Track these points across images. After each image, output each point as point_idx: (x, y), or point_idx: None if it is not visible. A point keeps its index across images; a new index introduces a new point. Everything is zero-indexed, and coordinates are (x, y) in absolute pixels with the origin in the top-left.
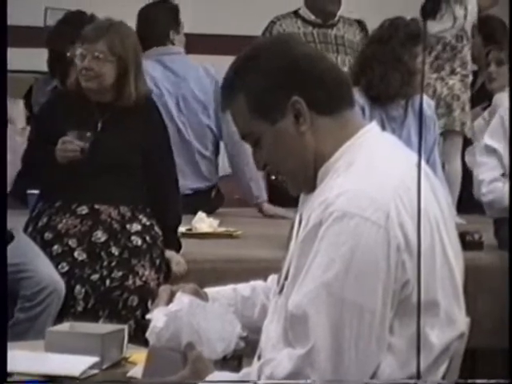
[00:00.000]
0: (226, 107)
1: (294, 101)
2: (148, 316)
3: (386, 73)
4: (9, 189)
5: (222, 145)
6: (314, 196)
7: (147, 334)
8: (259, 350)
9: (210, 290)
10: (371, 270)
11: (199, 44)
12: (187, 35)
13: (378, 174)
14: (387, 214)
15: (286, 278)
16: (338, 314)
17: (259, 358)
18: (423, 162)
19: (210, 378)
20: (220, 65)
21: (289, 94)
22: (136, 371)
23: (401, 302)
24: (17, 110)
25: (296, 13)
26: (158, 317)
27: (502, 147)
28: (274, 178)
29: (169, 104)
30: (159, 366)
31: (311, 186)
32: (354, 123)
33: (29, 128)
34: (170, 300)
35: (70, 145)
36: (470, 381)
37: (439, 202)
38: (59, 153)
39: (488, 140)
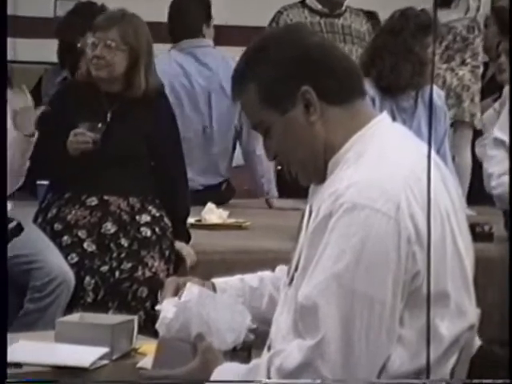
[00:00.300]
0: (236, 97)
1: (304, 90)
2: (157, 307)
3: (397, 63)
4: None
5: None
6: (324, 187)
7: (157, 325)
8: (269, 340)
9: (217, 281)
10: (382, 261)
11: (226, 36)
12: (215, 27)
13: (388, 164)
14: (398, 205)
15: (295, 270)
16: (349, 305)
17: (269, 348)
18: (433, 153)
19: (219, 368)
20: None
21: (299, 84)
22: (146, 362)
23: (411, 293)
24: (25, 116)
25: (303, 2)
26: (167, 308)
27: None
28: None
29: (199, 99)
30: (169, 356)
31: (321, 176)
32: (365, 113)
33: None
34: (176, 292)
35: (82, 137)
36: (474, 381)
37: (450, 193)
38: (71, 145)
39: (497, 133)
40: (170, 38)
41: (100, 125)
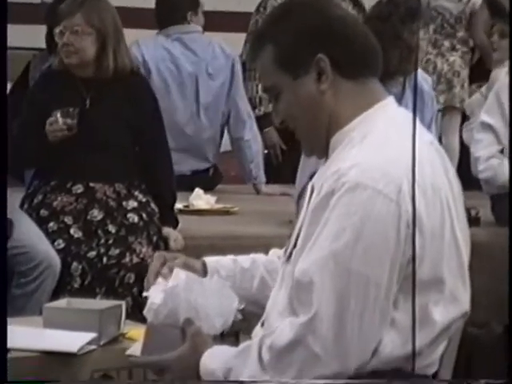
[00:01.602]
0: (253, 57)
1: (318, 58)
2: (145, 293)
3: (386, 50)
4: None
5: None
6: (326, 166)
7: (145, 312)
8: (264, 316)
9: (209, 260)
10: (380, 243)
11: (212, 21)
12: (204, 13)
13: (392, 148)
14: (399, 188)
15: (294, 246)
16: (344, 284)
17: (262, 324)
18: (435, 141)
19: (209, 352)
20: (233, 42)
21: (315, 51)
22: (135, 349)
23: (406, 277)
24: None
25: None
26: (154, 294)
27: (498, 123)
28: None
29: (187, 84)
30: (158, 342)
31: (322, 149)
32: (375, 93)
33: None
34: (162, 266)
35: (56, 124)
36: (468, 381)
37: (449, 180)
38: (48, 134)
39: (484, 116)
40: (157, 24)
41: (72, 109)
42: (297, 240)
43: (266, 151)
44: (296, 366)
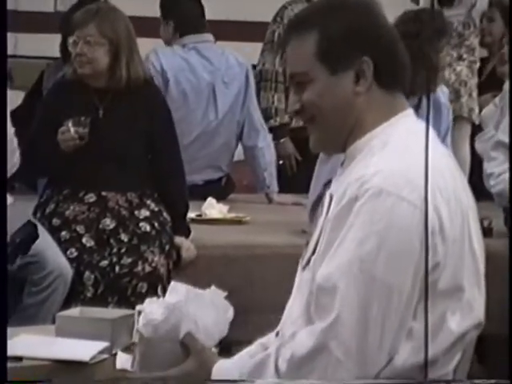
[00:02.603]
0: (289, 40)
1: (364, 60)
2: (139, 307)
3: (411, 70)
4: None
5: None
6: (345, 175)
7: (141, 327)
8: (279, 326)
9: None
10: (405, 251)
11: (227, 31)
12: (215, 22)
13: (413, 156)
14: (423, 196)
15: (313, 253)
16: (368, 291)
17: (277, 334)
18: (451, 154)
19: (219, 367)
20: (244, 51)
21: (361, 53)
22: (123, 362)
23: (429, 285)
24: None
25: None
26: (152, 309)
27: None
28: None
29: (204, 93)
30: (157, 357)
31: (336, 149)
32: (399, 105)
33: None
34: None
35: (68, 133)
36: (471, 381)
37: (467, 192)
38: (61, 143)
39: (501, 135)
40: (178, 33)
41: (83, 118)
42: (315, 247)
43: (280, 162)
44: (316, 373)
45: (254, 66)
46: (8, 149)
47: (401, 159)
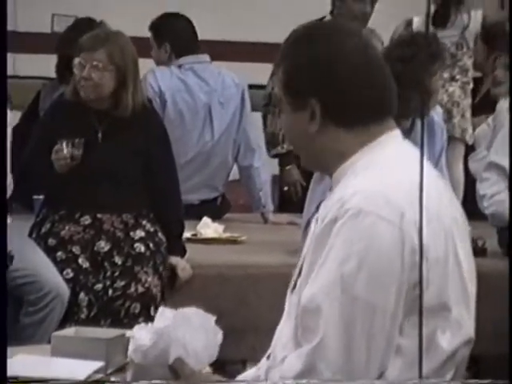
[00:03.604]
0: (277, 65)
1: (311, 102)
2: (129, 334)
3: (405, 92)
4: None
5: None
6: (330, 197)
7: (130, 352)
8: (270, 349)
9: None
10: (385, 269)
11: (223, 51)
12: (211, 42)
13: (394, 177)
14: (402, 215)
15: (299, 275)
16: (351, 311)
17: (268, 357)
18: (441, 176)
19: None
20: (240, 71)
21: (311, 94)
22: None
23: (412, 302)
24: None
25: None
26: (140, 334)
27: (507, 162)
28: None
29: (200, 113)
30: (146, 381)
31: (319, 170)
32: (377, 131)
33: None
34: None
35: (61, 153)
36: (470, 381)
37: (454, 213)
38: (54, 162)
39: (494, 156)
40: (174, 54)
41: (77, 140)
42: (301, 269)
43: (285, 188)
44: None
45: (251, 86)
46: None
47: (381, 179)
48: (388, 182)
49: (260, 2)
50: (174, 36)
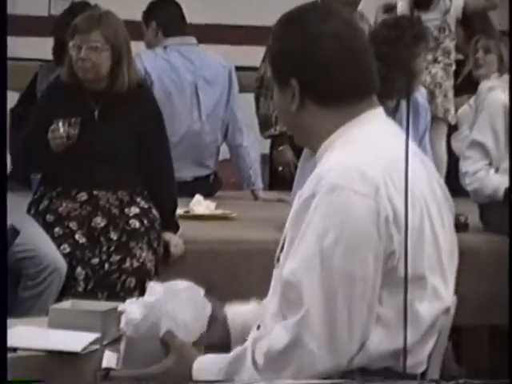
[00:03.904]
0: (268, 47)
1: (292, 82)
2: (121, 308)
3: (390, 74)
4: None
5: None
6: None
7: (123, 326)
8: (259, 321)
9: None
10: (362, 240)
11: (208, 34)
12: (198, 26)
13: (371, 152)
14: (377, 188)
15: (281, 250)
16: (331, 282)
17: (258, 327)
18: (419, 150)
19: (199, 363)
20: (226, 54)
21: (291, 74)
22: (109, 361)
23: (387, 272)
24: None
25: None
26: (131, 308)
27: (488, 141)
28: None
29: (188, 92)
30: (138, 354)
31: (311, 148)
32: (357, 109)
33: None
34: None
35: (57, 132)
36: (470, 381)
37: (432, 187)
38: (51, 141)
39: (475, 135)
40: (163, 34)
41: (73, 119)
42: (284, 244)
43: (280, 168)
44: (293, 366)
45: (243, 68)
46: None
47: (356, 154)
48: (365, 157)
49: None
50: (161, 16)
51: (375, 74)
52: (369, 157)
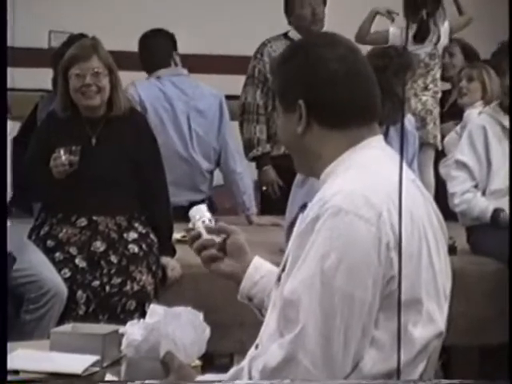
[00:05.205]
0: (272, 72)
1: (299, 103)
2: (122, 330)
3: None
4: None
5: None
6: (315, 197)
7: (124, 347)
8: (258, 339)
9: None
10: (363, 264)
11: (197, 63)
12: (189, 56)
13: (373, 177)
14: (379, 214)
15: (283, 270)
16: (330, 302)
17: (257, 347)
18: (417, 179)
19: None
20: (215, 83)
21: (299, 94)
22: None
23: (386, 296)
24: None
25: (286, 35)
26: (132, 330)
27: (471, 161)
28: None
29: (181, 121)
30: (139, 375)
31: (309, 173)
32: (359, 135)
33: None
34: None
35: (59, 160)
36: (469, 381)
37: (429, 214)
38: (53, 169)
39: (459, 155)
40: (144, 69)
41: (74, 147)
42: (285, 265)
43: (264, 188)
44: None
45: (228, 97)
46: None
47: (361, 180)
48: (369, 183)
49: (235, 18)
50: (146, 50)
51: (378, 101)
52: (372, 183)
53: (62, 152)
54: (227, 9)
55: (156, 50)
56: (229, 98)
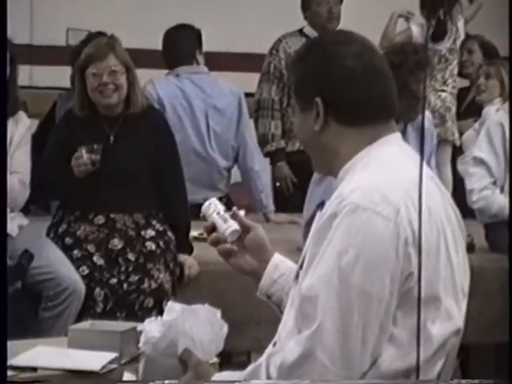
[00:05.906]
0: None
1: (316, 101)
2: (140, 327)
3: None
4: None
5: None
6: (333, 195)
7: (142, 345)
8: (276, 337)
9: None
10: (381, 260)
11: (221, 61)
12: (210, 53)
13: (391, 174)
14: (397, 210)
15: (300, 268)
16: (348, 299)
17: (274, 344)
18: (436, 177)
19: (213, 378)
20: (236, 81)
21: (316, 92)
22: (129, 377)
23: (404, 293)
24: None
25: (301, 31)
26: (150, 327)
27: (489, 157)
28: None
29: (199, 119)
30: (157, 372)
31: (326, 172)
32: (376, 133)
33: None
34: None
35: (81, 159)
36: (473, 381)
37: (447, 210)
38: (74, 168)
39: (476, 152)
40: (166, 65)
41: (96, 146)
42: (303, 262)
43: (277, 184)
44: (305, 379)
45: (247, 94)
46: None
47: (379, 177)
48: (386, 179)
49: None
50: (170, 46)
51: (395, 99)
52: (390, 179)
53: (83, 151)
54: (246, 6)
55: (179, 45)
56: (248, 95)
